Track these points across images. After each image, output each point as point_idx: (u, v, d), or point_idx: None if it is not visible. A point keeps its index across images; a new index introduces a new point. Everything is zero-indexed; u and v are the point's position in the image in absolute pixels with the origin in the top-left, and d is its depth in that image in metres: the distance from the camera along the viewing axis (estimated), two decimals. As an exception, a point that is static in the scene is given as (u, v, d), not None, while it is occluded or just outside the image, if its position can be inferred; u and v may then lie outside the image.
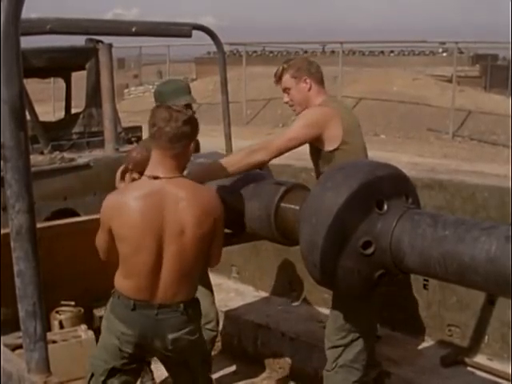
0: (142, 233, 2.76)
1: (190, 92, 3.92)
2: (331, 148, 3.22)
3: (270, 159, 3.21)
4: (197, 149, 4.05)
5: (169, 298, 2.82)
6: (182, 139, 2.76)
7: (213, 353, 4.37)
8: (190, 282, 2.89)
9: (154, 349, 2.89)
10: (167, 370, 3.15)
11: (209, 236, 2.83)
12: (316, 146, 3.29)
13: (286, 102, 3.49)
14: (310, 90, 3.37)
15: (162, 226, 2.76)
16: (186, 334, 2.87)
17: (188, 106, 3.81)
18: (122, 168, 3.33)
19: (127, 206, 2.78)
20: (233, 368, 4.61)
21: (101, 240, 2.95)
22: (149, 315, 2.81)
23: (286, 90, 3.45)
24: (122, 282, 2.86)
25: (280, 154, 3.21)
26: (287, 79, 3.41)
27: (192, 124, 2.81)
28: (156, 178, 2.78)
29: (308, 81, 3.37)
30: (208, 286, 4.06)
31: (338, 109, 3.32)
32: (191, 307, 2.89)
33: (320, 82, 3.43)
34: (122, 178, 3.30)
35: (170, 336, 2.83)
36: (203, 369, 3.12)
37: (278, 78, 3.46)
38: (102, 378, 2.88)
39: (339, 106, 3.44)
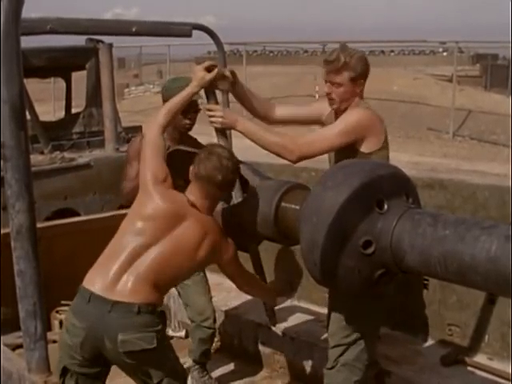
0: (148, 219, 2.85)
1: None
2: (369, 150, 3.13)
3: (295, 162, 3.16)
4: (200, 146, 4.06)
5: (126, 295, 2.72)
6: (228, 187, 3.00)
7: (213, 352, 4.38)
8: (155, 291, 2.80)
9: (106, 351, 2.74)
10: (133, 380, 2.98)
11: (196, 262, 2.94)
12: (353, 145, 3.14)
13: (328, 94, 3.25)
14: (357, 94, 3.22)
15: (166, 237, 2.84)
16: (139, 340, 2.71)
17: (194, 103, 3.84)
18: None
19: (161, 193, 2.90)
20: (233, 367, 4.60)
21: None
22: (101, 310, 2.70)
23: (334, 84, 3.20)
24: (90, 273, 2.82)
25: (310, 157, 3.17)
26: (344, 78, 3.16)
27: (237, 171, 3.02)
28: (193, 205, 2.93)
29: (362, 83, 3.21)
30: (204, 285, 4.06)
31: (377, 114, 3.22)
32: (148, 313, 2.75)
33: (365, 83, 3.27)
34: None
35: (120, 336, 2.68)
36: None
37: (336, 71, 3.17)
38: (59, 377, 2.74)
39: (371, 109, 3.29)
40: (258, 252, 3.50)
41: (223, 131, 3.24)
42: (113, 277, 2.75)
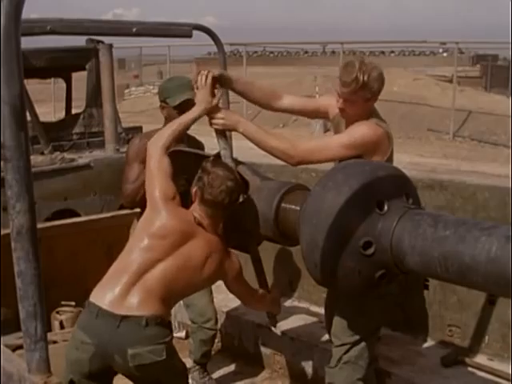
0: (155, 236, 2.85)
1: (192, 89, 3.94)
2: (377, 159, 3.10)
3: (294, 166, 3.16)
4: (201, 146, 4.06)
5: (134, 309, 2.72)
6: (233, 205, 2.97)
7: (213, 353, 4.38)
8: (162, 305, 2.80)
9: (116, 365, 2.74)
10: None
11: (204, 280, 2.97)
12: (356, 157, 3.08)
13: (341, 108, 3.20)
14: (368, 109, 3.20)
15: (172, 254, 2.85)
16: (149, 353, 2.71)
17: (190, 102, 3.84)
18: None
19: (170, 211, 2.91)
20: (233, 368, 4.60)
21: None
22: (110, 326, 2.69)
23: (348, 101, 3.14)
24: (98, 288, 2.81)
25: (309, 164, 3.19)
26: (359, 96, 3.10)
27: (241, 188, 3.04)
28: (200, 224, 2.94)
29: (375, 100, 3.19)
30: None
31: (387, 126, 3.19)
32: (156, 326, 2.74)
33: None
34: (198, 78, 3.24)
35: (130, 351, 2.68)
36: None
37: (352, 91, 3.09)
38: None
39: (381, 118, 3.27)
40: (257, 252, 3.49)
41: (223, 133, 3.23)
42: (121, 292, 2.74)
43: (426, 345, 4.33)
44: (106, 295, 2.75)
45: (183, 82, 3.93)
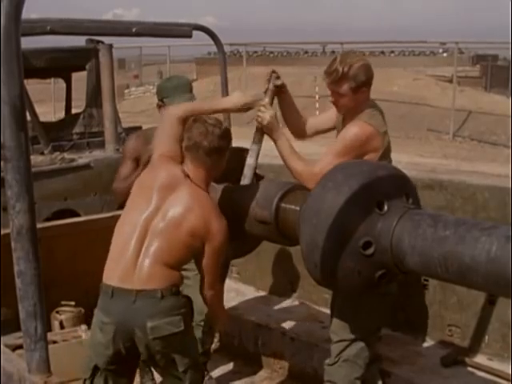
0: (146, 202, 2.84)
1: (191, 90, 3.93)
2: (368, 157, 3.12)
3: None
4: None
5: (146, 283, 2.75)
6: (218, 153, 2.92)
7: (213, 352, 4.37)
8: (170, 273, 2.82)
9: (138, 340, 2.77)
10: (159, 373, 3.05)
11: (194, 243, 2.84)
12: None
13: (334, 102, 3.28)
14: (361, 100, 3.21)
15: (161, 208, 2.83)
16: (168, 324, 2.76)
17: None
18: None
19: (154, 175, 2.91)
20: (233, 368, 4.60)
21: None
22: (126, 302, 2.74)
23: (337, 95, 3.22)
24: (106, 269, 2.84)
25: None
26: (345, 88, 3.16)
27: (227, 137, 2.98)
28: (187, 175, 2.90)
29: (365, 91, 3.20)
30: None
31: (380, 120, 3.21)
32: (172, 296, 2.79)
33: (371, 87, 3.26)
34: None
35: (149, 324, 2.72)
36: (193, 376, 2.95)
37: (335, 82, 3.18)
38: (87, 376, 2.82)
39: (378, 110, 3.28)
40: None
41: (262, 132, 3.29)
42: (128, 266, 2.77)
43: (425, 345, 4.33)
44: (115, 273, 2.78)
45: (182, 83, 3.92)
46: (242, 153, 3.38)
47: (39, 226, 2.28)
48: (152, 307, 2.75)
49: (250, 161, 3.31)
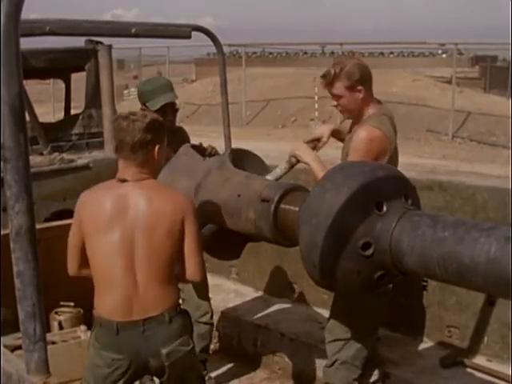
0: (110, 235, 2.71)
1: (171, 89, 3.90)
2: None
3: None
4: (186, 139, 4.04)
5: (151, 308, 2.71)
6: (142, 147, 2.73)
7: (212, 353, 4.37)
8: (168, 290, 2.77)
9: (150, 368, 2.76)
10: None
11: (178, 234, 2.74)
12: None
13: (335, 106, 3.34)
14: (363, 99, 3.25)
15: (130, 225, 2.72)
16: (180, 346, 2.75)
17: (172, 104, 3.81)
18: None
19: (96, 206, 2.77)
20: (232, 369, 4.61)
21: (72, 242, 2.87)
22: (135, 334, 2.70)
23: (335, 97, 3.29)
24: (100, 303, 2.76)
25: None
26: (339, 88, 3.23)
27: (153, 129, 2.76)
28: (124, 180, 2.76)
29: (361, 89, 3.23)
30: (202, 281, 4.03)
31: (388, 126, 3.24)
32: (178, 315, 2.78)
33: (371, 87, 3.31)
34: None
35: (164, 350, 2.70)
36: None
37: (329, 84, 3.26)
38: None
39: (387, 115, 3.31)
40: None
41: (293, 162, 3.29)
42: (127, 296, 2.70)
43: (425, 346, 4.34)
44: (114, 306, 2.71)
45: (160, 84, 3.90)
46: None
47: (38, 226, 2.28)
48: (162, 333, 2.72)
49: (274, 174, 3.29)
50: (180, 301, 2.90)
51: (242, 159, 3.34)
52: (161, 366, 2.74)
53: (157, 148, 2.78)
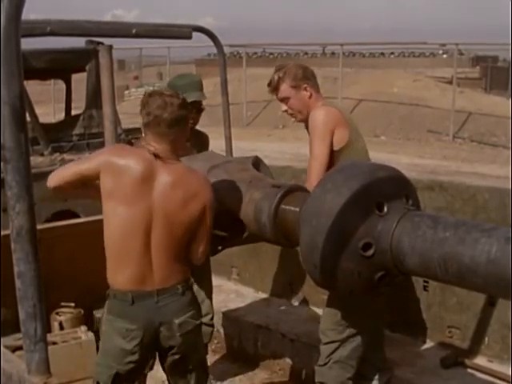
0: (133, 207, 2.74)
1: (201, 89, 3.96)
2: (339, 147, 3.21)
3: None
4: (206, 143, 4.09)
5: (165, 280, 2.78)
6: (180, 123, 2.80)
7: (213, 354, 4.37)
8: (183, 263, 2.85)
9: (161, 340, 2.82)
10: (167, 372, 3.05)
11: (196, 222, 2.81)
12: None
13: (285, 111, 3.41)
14: (310, 97, 3.31)
15: (153, 204, 2.75)
16: (191, 318, 2.85)
17: (198, 102, 3.85)
18: None
19: (127, 166, 2.76)
20: (233, 369, 4.60)
21: (79, 166, 2.88)
22: (149, 305, 2.77)
23: (284, 100, 3.36)
24: (114, 276, 2.81)
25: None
26: (285, 89, 3.32)
27: (186, 106, 2.86)
28: (157, 156, 2.78)
29: (308, 88, 3.30)
30: (206, 282, 4.03)
31: (339, 109, 3.32)
32: (189, 289, 2.88)
33: (317, 86, 3.38)
34: None
35: (177, 321, 2.79)
36: (201, 374, 3.02)
37: (275, 88, 3.36)
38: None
39: (335, 105, 3.43)
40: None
41: None
42: (142, 267, 2.76)
43: (425, 346, 4.34)
44: (129, 276, 2.76)
45: (194, 81, 3.96)
46: None
47: (39, 227, 2.28)
48: (176, 304, 2.80)
49: None
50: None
51: (259, 167, 3.36)
52: (172, 336, 2.81)
53: (188, 125, 2.91)
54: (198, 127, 4.08)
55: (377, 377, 3.47)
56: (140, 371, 2.91)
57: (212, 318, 4.08)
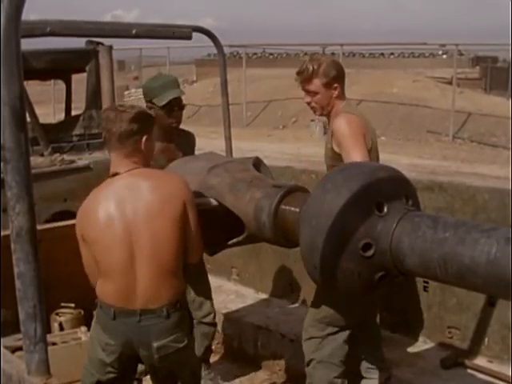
0: (109, 229, 2.70)
1: (178, 86, 3.94)
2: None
3: None
4: (191, 143, 4.06)
5: (150, 301, 2.69)
6: (132, 136, 2.74)
7: (213, 354, 4.37)
8: (172, 282, 2.74)
9: (142, 357, 2.78)
10: (155, 382, 3.03)
11: (180, 222, 2.73)
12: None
13: (308, 103, 3.37)
14: (337, 96, 3.30)
15: (128, 217, 2.70)
16: (173, 342, 2.74)
17: (178, 100, 3.83)
18: None
19: (93, 208, 2.77)
20: (233, 370, 4.60)
21: (85, 258, 2.87)
22: (131, 323, 2.69)
23: (310, 93, 3.32)
24: (101, 288, 2.76)
25: None
26: (317, 84, 3.28)
27: (139, 120, 2.76)
28: (116, 174, 2.78)
29: (337, 87, 3.28)
30: (204, 283, 4.03)
31: (359, 113, 3.31)
32: (177, 312, 2.75)
33: (344, 86, 3.35)
34: None
35: (155, 344, 2.71)
36: (193, 382, 3.00)
37: (306, 79, 3.30)
38: None
39: (356, 109, 3.38)
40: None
41: None
42: (126, 287, 2.69)
43: (425, 346, 4.34)
44: (114, 291, 2.71)
45: (168, 80, 3.93)
46: None
47: (39, 227, 2.28)
48: (158, 327, 2.71)
49: None
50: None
51: (260, 168, 3.35)
52: (151, 357, 2.75)
53: (144, 139, 2.78)
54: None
55: (375, 376, 3.47)
56: (123, 381, 2.87)
57: (214, 317, 4.08)
